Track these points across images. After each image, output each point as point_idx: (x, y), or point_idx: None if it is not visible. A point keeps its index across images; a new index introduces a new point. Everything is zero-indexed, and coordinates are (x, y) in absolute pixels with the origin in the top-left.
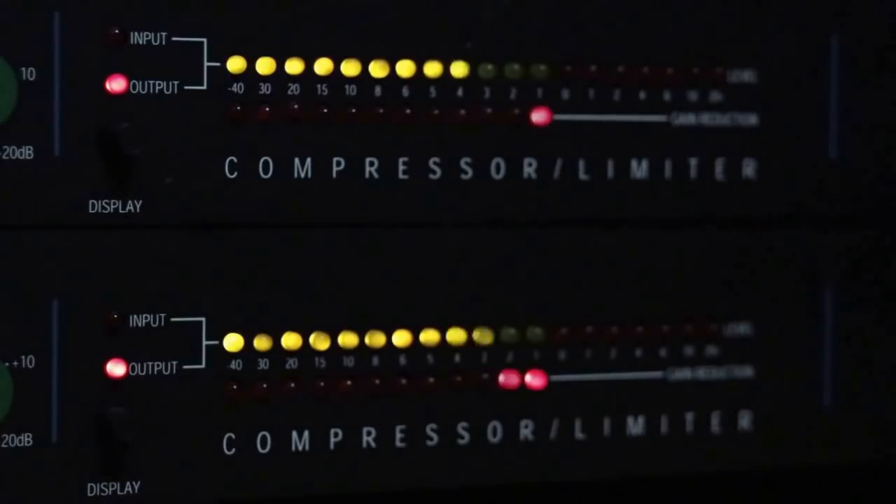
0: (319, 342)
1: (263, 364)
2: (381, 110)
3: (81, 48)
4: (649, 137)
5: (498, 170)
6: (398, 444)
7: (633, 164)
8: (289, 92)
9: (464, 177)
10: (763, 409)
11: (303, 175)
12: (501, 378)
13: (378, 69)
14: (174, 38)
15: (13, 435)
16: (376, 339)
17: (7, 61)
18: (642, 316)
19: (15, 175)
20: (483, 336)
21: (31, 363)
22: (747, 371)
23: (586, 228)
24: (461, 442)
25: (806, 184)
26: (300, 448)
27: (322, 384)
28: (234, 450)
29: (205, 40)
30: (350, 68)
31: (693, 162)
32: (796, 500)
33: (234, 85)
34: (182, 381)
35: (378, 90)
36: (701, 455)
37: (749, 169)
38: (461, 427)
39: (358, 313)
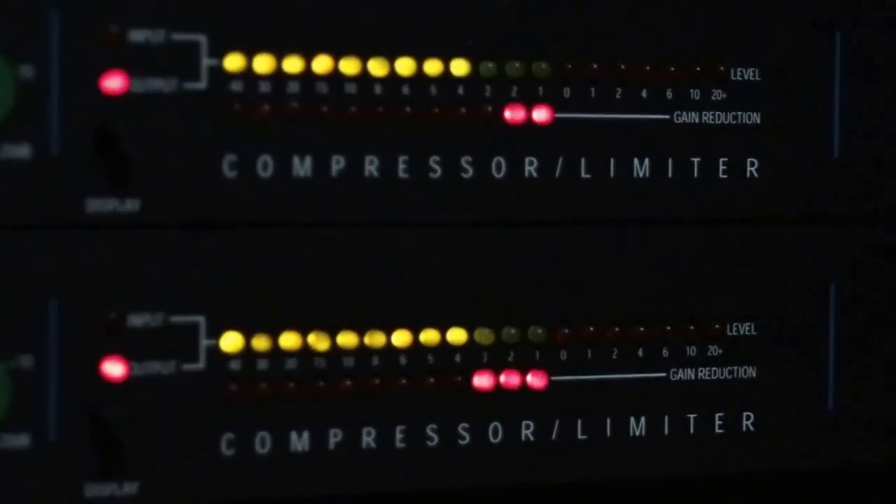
0: (319, 342)
1: (263, 364)
2: (380, 109)
3: (80, 46)
4: (651, 136)
5: (499, 169)
6: (398, 444)
7: (636, 162)
8: (288, 90)
9: (464, 176)
10: (766, 410)
11: (302, 174)
12: (502, 378)
13: (378, 67)
14: (173, 36)
15: (11, 435)
16: (376, 339)
17: (5, 59)
18: (644, 316)
19: (12, 174)
20: (484, 336)
21: (29, 363)
22: (750, 372)
23: (588, 228)
24: (461, 442)
25: (809, 183)
26: (300, 448)
27: (322, 384)
28: (233, 450)
29: (203, 38)
30: (350, 66)
31: (695, 161)
32: (798, 501)
33: (233, 83)
34: (181, 381)
35: (378, 88)
36: (703, 456)
37: (752, 168)
38: (461, 427)
39: (358, 313)
